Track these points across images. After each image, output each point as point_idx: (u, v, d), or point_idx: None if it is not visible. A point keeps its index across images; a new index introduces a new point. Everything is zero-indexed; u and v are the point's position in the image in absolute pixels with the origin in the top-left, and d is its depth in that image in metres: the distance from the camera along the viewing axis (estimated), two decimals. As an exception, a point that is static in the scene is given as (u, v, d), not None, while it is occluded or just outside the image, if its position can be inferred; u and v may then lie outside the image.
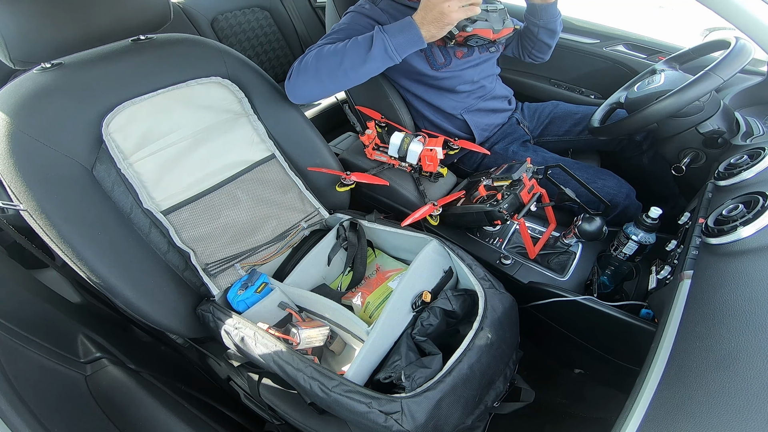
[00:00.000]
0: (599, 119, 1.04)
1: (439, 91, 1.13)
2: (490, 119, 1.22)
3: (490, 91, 1.20)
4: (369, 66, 0.86)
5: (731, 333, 0.45)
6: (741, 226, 0.57)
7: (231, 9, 1.84)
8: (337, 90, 0.93)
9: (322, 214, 0.98)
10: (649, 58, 1.31)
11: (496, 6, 1.00)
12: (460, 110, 1.16)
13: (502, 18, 1.00)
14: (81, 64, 0.76)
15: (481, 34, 0.99)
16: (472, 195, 0.97)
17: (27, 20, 0.66)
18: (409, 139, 1.05)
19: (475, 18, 0.95)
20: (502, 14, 1.01)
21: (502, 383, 0.73)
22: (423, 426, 0.57)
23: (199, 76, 0.87)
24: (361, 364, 0.65)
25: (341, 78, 0.88)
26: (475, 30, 0.97)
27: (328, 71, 0.88)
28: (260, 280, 0.81)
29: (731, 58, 0.78)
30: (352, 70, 0.87)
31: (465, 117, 1.16)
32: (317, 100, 0.98)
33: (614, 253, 0.84)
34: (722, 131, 0.88)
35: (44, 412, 0.54)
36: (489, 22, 0.98)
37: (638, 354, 0.58)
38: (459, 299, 0.74)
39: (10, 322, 0.66)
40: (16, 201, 0.66)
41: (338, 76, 0.88)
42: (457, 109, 1.15)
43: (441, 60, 1.07)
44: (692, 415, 0.41)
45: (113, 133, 0.76)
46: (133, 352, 0.84)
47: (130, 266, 0.73)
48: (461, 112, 1.16)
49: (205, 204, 0.85)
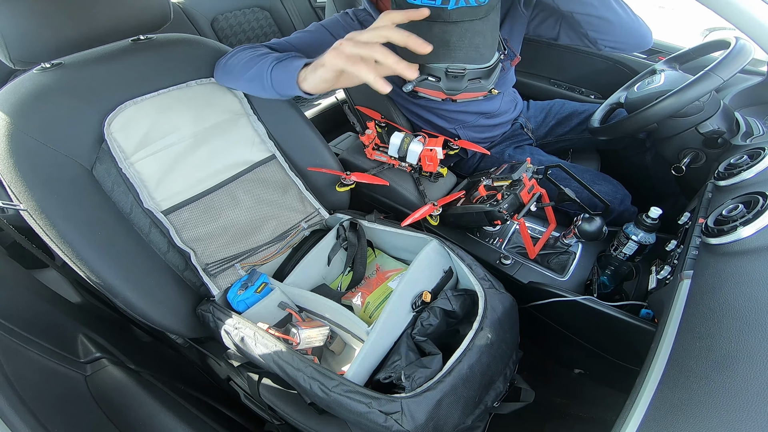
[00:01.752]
0: (599, 119, 1.04)
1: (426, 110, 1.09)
2: (488, 133, 1.20)
3: (492, 111, 1.15)
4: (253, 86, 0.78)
5: (731, 333, 0.45)
6: (741, 226, 0.57)
7: (231, 9, 1.85)
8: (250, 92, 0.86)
9: (322, 215, 0.98)
10: (649, 58, 1.31)
11: (464, 68, 0.77)
12: (454, 126, 1.13)
13: (467, 80, 0.80)
14: (81, 64, 0.76)
15: (427, 94, 0.88)
16: (472, 195, 0.97)
17: (27, 20, 0.66)
18: (409, 139, 1.05)
19: (422, 76, 0.79)
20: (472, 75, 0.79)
21: (502, 383, 0.73)
22: (423, 426, 0.57)
23: (199, 76, 0.87)
24: (361, 364, 0.65)
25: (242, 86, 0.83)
26: (418, 88, 0.85)
27: (236, 74, 0.82)
28: (260, 280, 0.81)
29: (731, 58, 0.79)
30: (248, 83, 0.79)
31: (459, 132, 1.14)
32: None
33: (614, 253, 0.84)
34: (722, 131, 0.88)
35: (44, 412, 0.54)
36: (441, 83, 0.81)
37: (638, 354, 0.58)
38: (459, 299, 0.74)
39: (10, 322, 0.66)
40: (16, 201, 0.66)
41: (240, 84, 0.83)
42: (450, 125, 1.13)
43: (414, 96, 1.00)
44: (692, 415, 0.41)
45: (115, 132, 0.76)
46: (133, 352, 0.84)
47: (130, 266, 0.73)
48: (455, 127, 1.14)
49: (206, 204, 0.85)
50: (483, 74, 0.81)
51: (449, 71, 0.78)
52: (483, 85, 0.83)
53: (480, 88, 0.83)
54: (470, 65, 0.76)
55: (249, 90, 0.84)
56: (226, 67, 0.84)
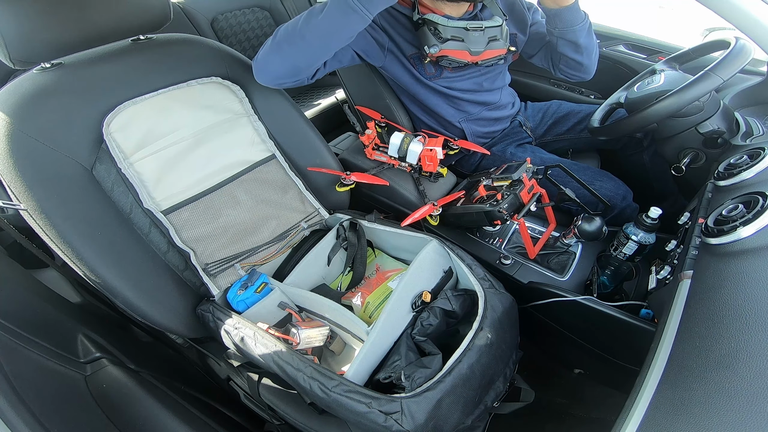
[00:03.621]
0: (599, 119, 1.04)
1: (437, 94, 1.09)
2: (490, 128, 1.20)
3: (495, 102, 1.16)
4: (326, 23, 0.74)
5: (731, 333, 0.45)
6: (741, 226, 0.57)
7: (231, 9, 1.84)
8: (300, 60, 0.82)
9: (322, 214, 0.98)
10: (649, 58, 1.31)
11: (482, 25, 0.91)
12: (459, 118, 1.13)
13: (487, 38, 0.92)
14: (81, 64, 0.76)
15: (453, 56, 0.92)
16: (472, 195, 0.97)
17: (27, 20, 0.66)
18: (409, 139, 1.05)
19: (446, 37, 0.89)
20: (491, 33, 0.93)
21: (502, 383, 0.73)
22: (423, 426, 0.57)
23: (199, 76, 0.87)
24: (361, 364, 0.65)
25: (299, 43, 0.78)
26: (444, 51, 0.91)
27: (287, 38, 0.79)
28: (260, 280, 0.81)
29: (731, 58, 0.78)
30: (308, 31, 0.76)
31: (463, 126, 1.14)
32: (284, 78, 0.86)
33: (614, 253, 0.84)
34: (722, 131, 0.88)
35: (44, 412, 0.54)
36: (465, 42, 0.91)
37: (638, 354, 0.58)
38: (459, 299, 0.74)
39: (10, 322, 0.66)
40: (16, 201, 0.66)
41: (295, 41, 0.78)
42: (456, 117, 1.13)
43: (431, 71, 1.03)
44: (692, 415, 0.41)
45: (114, 132, 0.76)
46: (133, 352, 0.84)
47: (129, 266, 0.73)
48: (460, 120, 1.14)
49: (206, 204, 0.85)
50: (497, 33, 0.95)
51: (469, 28, 0.91)
52: (500, 42, 0.96)
53: (498, 46, 0.96)
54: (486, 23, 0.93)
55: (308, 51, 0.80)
56: (267, 44, 0.83)
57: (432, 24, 0.92)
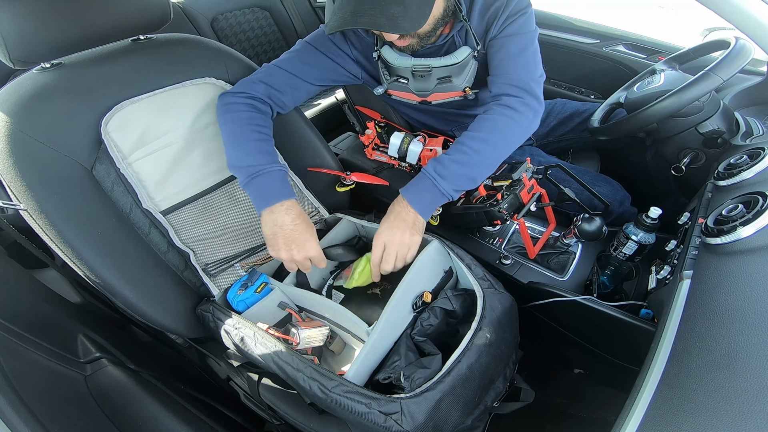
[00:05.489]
0: (599, 119, 1.04)
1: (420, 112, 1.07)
2: None
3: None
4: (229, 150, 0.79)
5: (731, 333, 0.45)
6: (741, 226, 0.57)
7: (231, 9, 1.85)
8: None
9: (321, 214, 0.98)
10: (649, 58, 1.31)
11: (428, 65, 0.78)
12: (452, 127, 1.11)
13: (435, 79, 0.80)
14: (81, 64, 0.76)
15: (399, 96, 0.88)
16: (472, 195, 0.97)
17: (27, 20, 0.66)
18: (409, 139, 1.04)
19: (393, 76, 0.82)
20: (441, 74, 0.79)
21: (502, 383, 0.73)
22: (422, 426, 0.57)
23: (198, 76, 0.87)
24: (362, 365, 0.65)
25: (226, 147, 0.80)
26: (390, 91, 0.86)
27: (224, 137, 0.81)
28: (260, 280, 0.81)
29: (731, 58, 0.78)
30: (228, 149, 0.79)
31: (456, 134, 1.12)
32: None
33: (614, 253, 0.84)
34: (722, 131, 0.88)
35: (44, 412, 0.54)
36: (409, 84, 0.82)
37: (638, 354, 0.58)
38: (459, 299, 0.74)
39: (10, 322, 0.66)
40: (16, 201, 0.66)
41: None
42: (447, 126, 1.11)
43: None
44: (692, 416, 0.41)
45: (112, 132, 0.76)
46: (133, 352, 0.84)
47: (129, 266, 0.73)
48: (453, 128, 1.11)
49: (204, 204, 0.85)
50: (452, 72, 0.79)
51: (415, 70, 0.78)
52: (454, 84, 0.81)
53: (452, 88, 0.81)
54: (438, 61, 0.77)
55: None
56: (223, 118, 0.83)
57: (384, 61, 0.86)
